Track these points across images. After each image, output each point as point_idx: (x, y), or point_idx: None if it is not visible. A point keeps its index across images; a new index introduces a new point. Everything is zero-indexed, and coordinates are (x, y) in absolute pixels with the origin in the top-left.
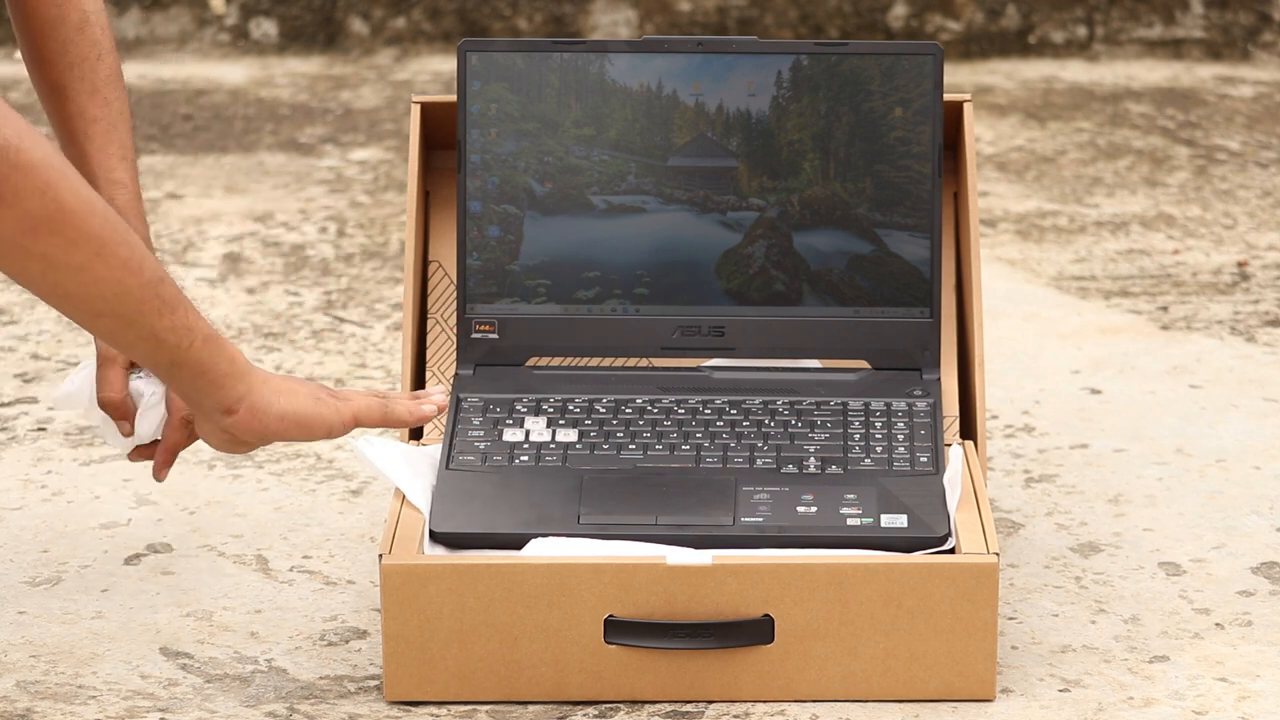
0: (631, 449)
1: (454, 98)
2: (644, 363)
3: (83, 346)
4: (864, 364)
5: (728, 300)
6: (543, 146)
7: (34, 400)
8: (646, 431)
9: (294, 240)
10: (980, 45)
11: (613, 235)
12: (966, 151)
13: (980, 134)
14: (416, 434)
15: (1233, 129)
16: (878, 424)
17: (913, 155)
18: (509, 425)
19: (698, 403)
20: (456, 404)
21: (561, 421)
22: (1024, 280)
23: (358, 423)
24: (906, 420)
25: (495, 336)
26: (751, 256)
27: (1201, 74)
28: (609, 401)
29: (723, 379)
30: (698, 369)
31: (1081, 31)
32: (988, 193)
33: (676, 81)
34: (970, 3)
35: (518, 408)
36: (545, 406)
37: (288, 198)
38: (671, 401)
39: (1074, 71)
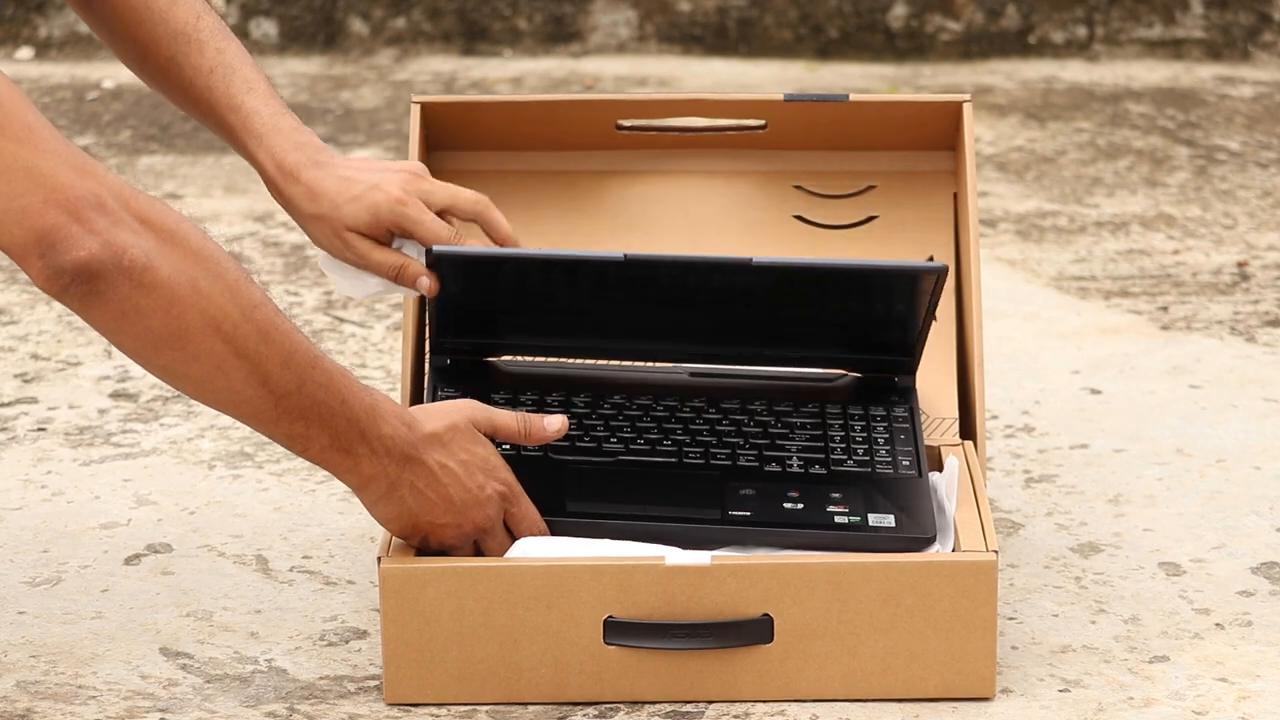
0: (613, 444)
1: (454, 98)
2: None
3: (82, 347)
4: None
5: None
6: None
7: (34, 400)
8: (627, 428)
9: (294, 240)
10: (980, 45)
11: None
12: (966, 152)
13: (980, 134)
14: None
15: (1233, 129)
16: (857, 426)
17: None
18: None
19: (675, 401)
20: (434, 398)
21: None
22: (1024, 280)
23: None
24: (885, 425)
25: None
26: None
27: (1201, 74)
28: (586, 398)
29: (700, 383)
30: (674, 368)
31: (1081, 31)
32: (988, 193)
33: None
34: (970, 3)
35: (495, 399)
36: (523, 399)
37: None
38: (649, 399)
39: (1074, 72)
